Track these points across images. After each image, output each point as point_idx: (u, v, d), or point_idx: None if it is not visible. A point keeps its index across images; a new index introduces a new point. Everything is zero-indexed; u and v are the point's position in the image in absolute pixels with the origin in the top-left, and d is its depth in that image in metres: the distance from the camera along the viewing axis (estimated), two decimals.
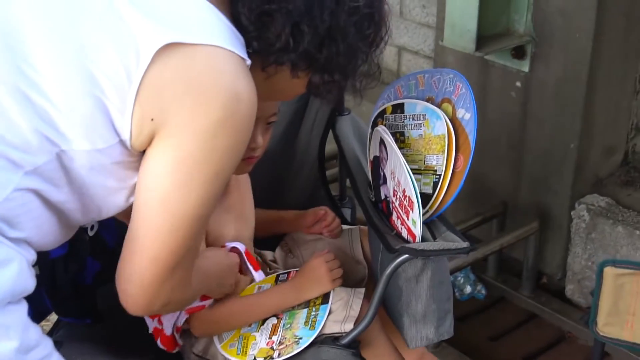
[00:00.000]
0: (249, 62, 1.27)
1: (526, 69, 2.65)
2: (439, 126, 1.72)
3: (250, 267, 1.77)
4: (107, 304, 1.90)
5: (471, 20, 2.47)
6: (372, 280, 1.88)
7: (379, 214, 1.82)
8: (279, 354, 1.64)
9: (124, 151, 1.23)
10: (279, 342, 1.67)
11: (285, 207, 2.04)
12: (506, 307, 2.76)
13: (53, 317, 1.87)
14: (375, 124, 1.87)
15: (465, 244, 1.59)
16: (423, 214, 1.71)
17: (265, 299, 1.74)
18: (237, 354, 1.66)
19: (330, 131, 2.03)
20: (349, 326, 1.67)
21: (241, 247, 1.74)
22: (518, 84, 2.69)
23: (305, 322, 1.72)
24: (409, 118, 1.80)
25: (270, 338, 1.68)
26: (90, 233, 1.75)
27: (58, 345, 1.38)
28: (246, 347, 1.67)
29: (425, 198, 1.71)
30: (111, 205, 1.31)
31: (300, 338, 1.68)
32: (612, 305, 1.87)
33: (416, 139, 1.77)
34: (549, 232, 2.72)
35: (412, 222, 1.66)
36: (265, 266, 1.93)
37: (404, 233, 1.71)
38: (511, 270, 2.85)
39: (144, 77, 1.17)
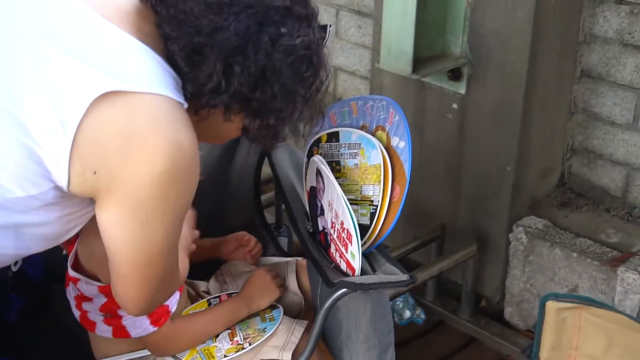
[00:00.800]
0: (185, 105, 1.25)
1: (462, 90, 2.63)
2: (375, 155, 1.69)
3: None
4: (32, 341, 1.82)
5: (407, 43, 2.45)
6: (310, 313, 1.83)
7: (317, 245, 1.78)
8: (249, 344, 1.65)
9: (59, 194, 1.22)
10: (244, 337, 1.68)
11: (221, 234, 1.98)
12: (446, 331, 2.73)
13: None
14: (311, 153, 1.83)
15: (404, 277, 1.56)
16: (361, 245, 1.68)
17: (219, 313, 1.73)
18: None
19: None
20: (287, 355, 1.64)
21: None
22: (455, 105, 2.68)
23: (261, 320, 1.75)
24: (345, 147, 1.76)
25: (232, 340, 1.68)
26: (14, 268, 1.70)
27: None
28: (211, 356, 1.66)
29: (363, 229, 1.68)
30: (42, 240, 1.32)
31: (265, 328, 1.70)
32: (554, 340, 1.86)
33: (352, 168, 1.74)
34: (488, 254, 2.71)
35: (351, 255, 1.63)
36: (197, 297, 1.87)
37: (343, 266, 1.67)
38: (450, 294, 2.83)
39: (81, 127, 1.15)
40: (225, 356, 1.64)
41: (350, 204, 1.71)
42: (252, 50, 1.24)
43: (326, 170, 1.68)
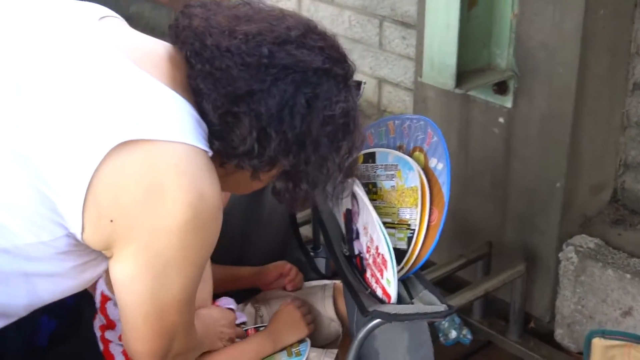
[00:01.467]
0: (210, 153, 1.20)
1: (509, 104, 2.55)
2: (412, 177, 1.62)
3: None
4: None
5: (450, 56, 2.37)
6: (348, 340, 1.77)
7: (353, 270, 1.72)
8: None
9: (71, 242, 1.18)
10: None
11: (256, 257, 1.94)
12: (493, 353, 2.63)
13: None
14: None
15: (442, 307, 1.49)
16: (398, 271, 1.61)
17: (244, 349, 1.68)
18: None
19: None
20: None
21: (233, 305, 1.72)
22: (501, 119, 2.59)
23: (287, 354, 1.69)
24: (381, 168, 1.70)
25: None
26: None
27: None
28: None
29: (400, 254, 1.62)
30: (54, 292, 1.28)
31: None
32: None
33: (389, 190, 1.67)
34: (537, 273, 2.61)
35: (387, 282, 1.56)
36: None
37: (379, 292, 1.60)
38: (498, 313, 2.73)
39: (98, 173, 1.11)
40: None
41: (387, 227, 1.65)
42: (288, 115, 1.19)
43: (361, 193, 1.62)
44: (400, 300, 1.61)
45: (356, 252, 1.70)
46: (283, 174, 1.27)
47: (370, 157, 1.72)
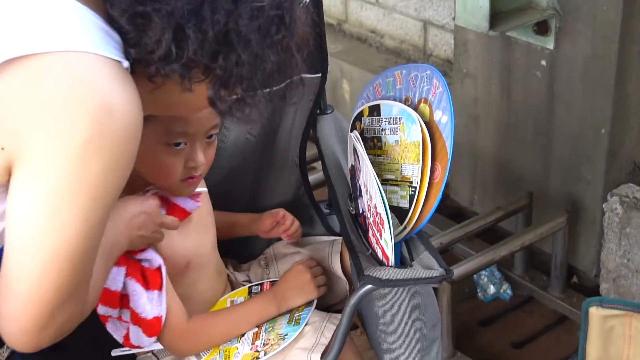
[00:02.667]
0: (126, 64, 1.06)
1: (551, 45, 2.38)
2: (414, 131, 1.51)
3: (180, 201, 1.53)
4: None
5: None
6: None
7: (358, 229, 1.63)
8: (265, 353, 1.50)
9: None
10: (263, 343, 1.54)
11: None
12: (534, 309, 2.52)
13: None
14: (353, 128, 1.67)
15: (437, 272, 1.39)
16: (400, 232, 1.52)
17: (245, 312, 1.59)
18: None
19: None
20: (315, 357, 1.50)
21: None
22: (543, 62, 2.43)
23: (288, 321, 1.59)
24: (385, 121, 1.59)
25: (253, 344, 1.55)
26: None
27: None
28: (228, 358, 1.53)
29: (403, 213, 1.52)
30: None
31: (286, 334, 1.55)
32: (601, 351, 1.62)
33: (393, 145, 1.57)
34: (581, 225, 2.47)
35: (385, 243, 1.47)
36: (238, 285, 1.77)
37: (379, 253, 1.51)
38: (542, 267, 2.61)
39: None
40: None
41: (390, 184, 1.56)
42: (208, 11, 1.05)
43: (360, 148, 1.52)
44: (402, 261, 1.52)
45: (360, 211, 1.61)
46: (215, 79, 1.11)
47: (375, 110, 1.62)
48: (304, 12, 1.16)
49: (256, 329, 1.57)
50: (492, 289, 2.54)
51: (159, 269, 1.45)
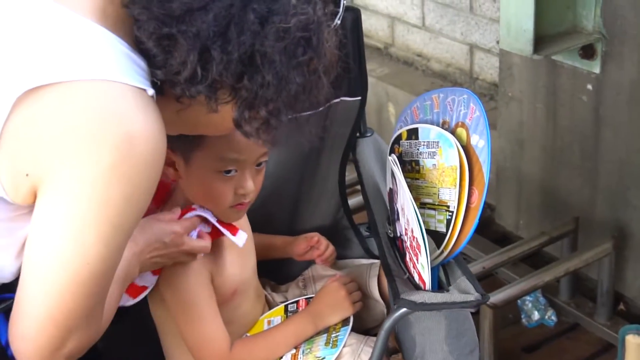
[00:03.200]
0: (151, 92, 1.08)
1: (597, 70, 2.36)
2: (452, 156, 1.51)
3: (225, 231, 1.52)
4: (109, 343, 1.77)
5: (527, 19, 2.22)
6: None
7: (395, 252, 1.63)
8: None
9: (5, 207, 1.07)
10: None
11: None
12: (580, 336, 2.47)
13: None
14: (392, 151, 1.67)
15: (473, 297, 1.38)
16: (437, 256, 1.52)
17: (283, 334, 1.60)
18: None
19: None
20: None
21: (206, 213, 1.50)
22: (589, 86, 2.41)
23: (325, 343, 1.60)
24: (423, 145, 1.59)
25: None
26: None
27: None
28: None
29: (440, 237, 1.51)
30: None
31: (324, 358, 1.55)
32: None
33: (430, 169, 1.57)
34: (628, 251, 2.43)
35: (421, 267, 1.47)
36: (275, 306, 1.77)
37: (416, 277, 1.51)
38: (588, 293, 2.56)
39: (8, 128, 1.01)
40: None
41: (428, 208, 1.55)
42: (234, 33, 1.05)
43: (397, 171, 1.52)
44: (439, 286, 1.51)
45: (398, 234, 1.61)
46: (240, 101, 1.12)
47: (414, 134, 1.62)
48: (333, 35, 1.16)
49: (294, 351, 1.58)
50: (536, 315, 2.50)
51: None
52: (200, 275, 1.50)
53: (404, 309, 1.39)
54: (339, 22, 1.20)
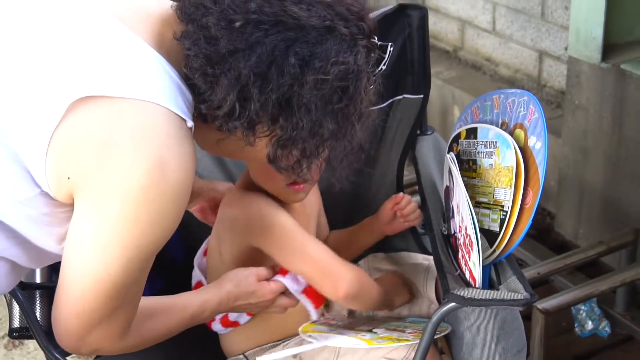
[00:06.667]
0: (190, 124, 1.14)
1: None
2: (509, 156, 1.52)
3: (306, 301, 1.61)
4: None
5: (597, 27, 2.21)
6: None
7: (448, 249, 1.65)
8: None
9: (50, 202, 1.14)
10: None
11: None
12: (634, 349, 2.44)
13: None
14: (450, 149, 1.69)
15: (521, 295, 1.39)
16: (489, 255, 1.53)
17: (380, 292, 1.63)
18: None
19: None
20: None
21: (287, 282, 1.57)
22: None
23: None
24: (481, 145, 1.61)
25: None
26: None
27: None
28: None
29: (493, 236, 1.53)
30: (56, 252, 1.24)
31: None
32: None
33: (487, 168, 1.59)
34: None
35: (473, 264, 1.48)
36: None
37: (467, 275, 1.53)
38: None
39: (59, 130, 1.07)
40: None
41: (482, 207, 1.57)
42: (274, 74, 1.11)
43: (455, 170, 1.54)
44: (489, 284, 1.53)
45: (452, 232, 1.63)
46: (275, 139, 1.18)
47: (472, 133, 1.64)
48: (370, 83, 1.20)
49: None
50: (590, 325, 2.48)
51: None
52: (289, 217, 1.54)
53: (452, 304, 1.41)
54: (383, 67, 1.24)
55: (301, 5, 1.13)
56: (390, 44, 1.25)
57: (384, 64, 1.23)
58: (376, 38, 1.22)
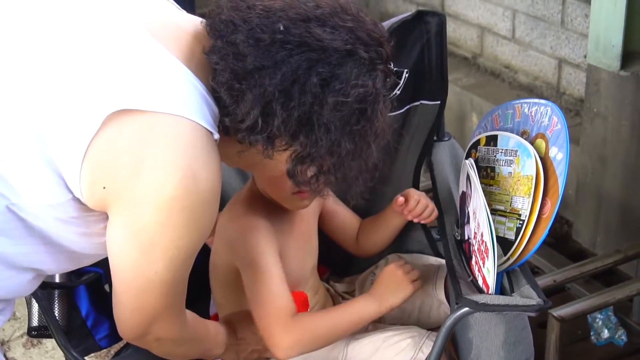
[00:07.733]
0: (216, 136, 1.19)
1: None
2: (529, 165, 1.53)
3: None
4: None
5: (617, 34, 2.21)
6: None
7: (461, 255, 1.65)
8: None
9: (81, 207, 1.19)
10: None
11: None
12: None
13: None
14: (469, 155, 1.70)
15: (534, 301, 1.39)
16: (503, 262, 1.54)
17: (347, 311, 1.63)
18: None
19: None
20: None
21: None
22: None
23: None
24: (501, 152, 1.62)
25: None
26: None
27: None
28: None
29: (508, 244, 1.53)
30: (83, 256, 1.30)
31: None
32: None
33: (505, 176, 1.59)
34: None
35: (487, 271, 1.49)
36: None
37: (480, 281, 1.54)
38: None
39: (95, 140, 1.12)
40: None
41: (499, 215, 1.58)
42: (297, 92, 1.16)
43: (474, 175, 1.55)
44: (502, 292, 1.53)
45: (466, 237, 1.63)
46: (294, 155, 1.23)
47: (492, 140, 1.64)
48: (388, 105, 1.25)
49: None
50: (606, 333, 2.48)
51: None
52: (272, 242, 1.57)
53: (465, 309, 1.42)
54: (398, 92, 1.29)
55: (325, 28, 1.18)
56: (406, 70, 1.29)
57: (399, 89, 1.27)
58: (392, 64, 1.27)
